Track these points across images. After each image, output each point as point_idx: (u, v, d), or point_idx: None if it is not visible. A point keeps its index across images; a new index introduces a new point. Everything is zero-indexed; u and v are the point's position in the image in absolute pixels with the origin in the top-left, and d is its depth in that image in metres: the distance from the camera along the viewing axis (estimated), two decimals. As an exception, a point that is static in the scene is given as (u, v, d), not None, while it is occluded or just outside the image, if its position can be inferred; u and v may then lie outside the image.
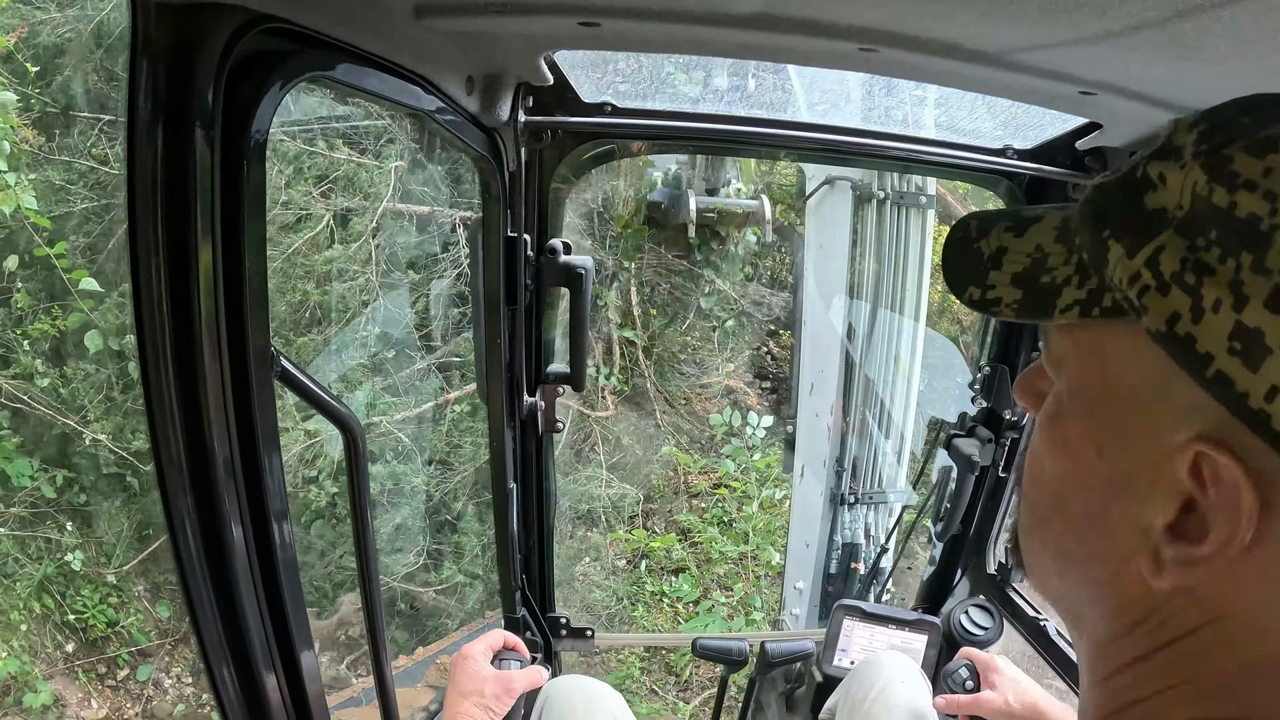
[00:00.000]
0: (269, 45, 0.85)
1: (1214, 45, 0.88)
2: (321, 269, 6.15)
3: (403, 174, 6.28)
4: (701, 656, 2.03)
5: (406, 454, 6.24)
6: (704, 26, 1.24)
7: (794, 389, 3.96)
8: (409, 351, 6.48)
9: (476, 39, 1.30)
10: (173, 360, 0.83)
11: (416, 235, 6.52)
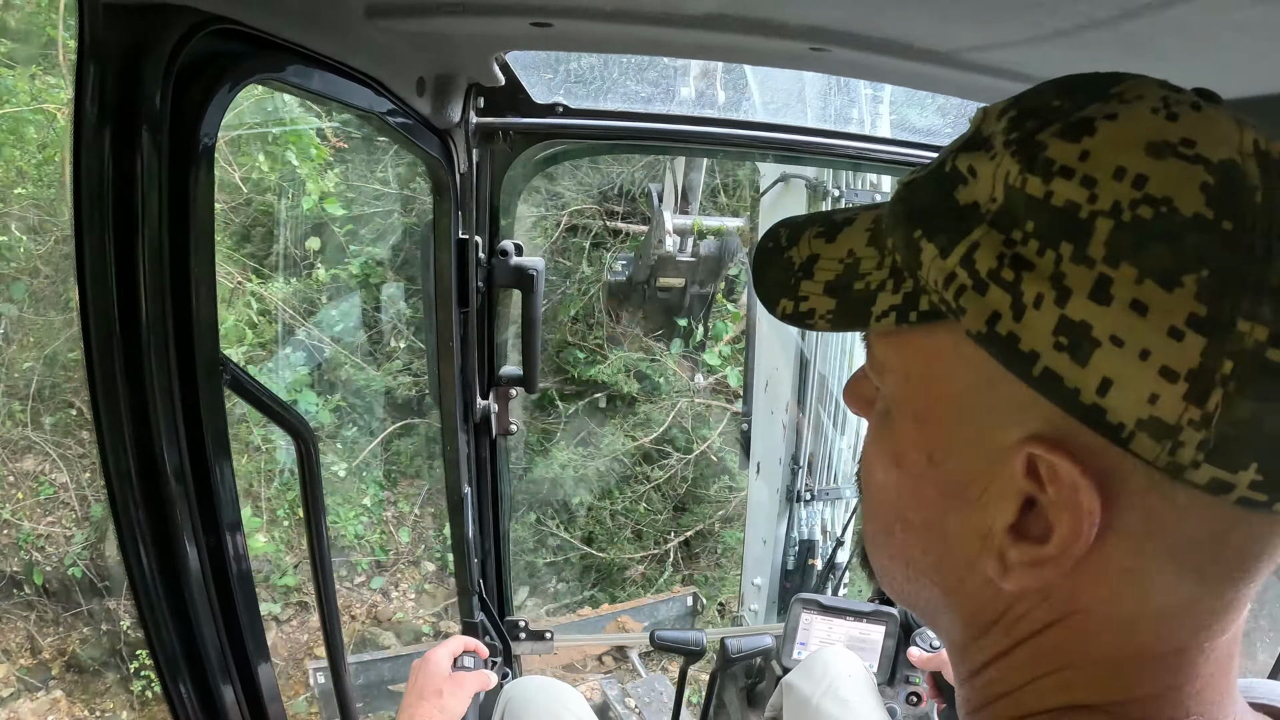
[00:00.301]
0: (218, 47, 0.84)
1: (1163, 44, 0.90)
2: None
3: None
4: (659, 649, 2.03)
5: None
6: (657, 27, 1.25)
7: (748, 387, 3.97)
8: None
9: (428, 40, 1.29)
10: (121, 369, 0.81)
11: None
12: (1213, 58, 0.94)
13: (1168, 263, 0.43)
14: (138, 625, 3.14)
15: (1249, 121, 0.46)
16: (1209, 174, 0.44)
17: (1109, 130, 0.46)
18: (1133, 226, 0.44)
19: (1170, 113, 0.46)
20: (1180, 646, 0.49)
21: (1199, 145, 0.45)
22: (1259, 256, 0.43)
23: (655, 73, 2.04)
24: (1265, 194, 0.44)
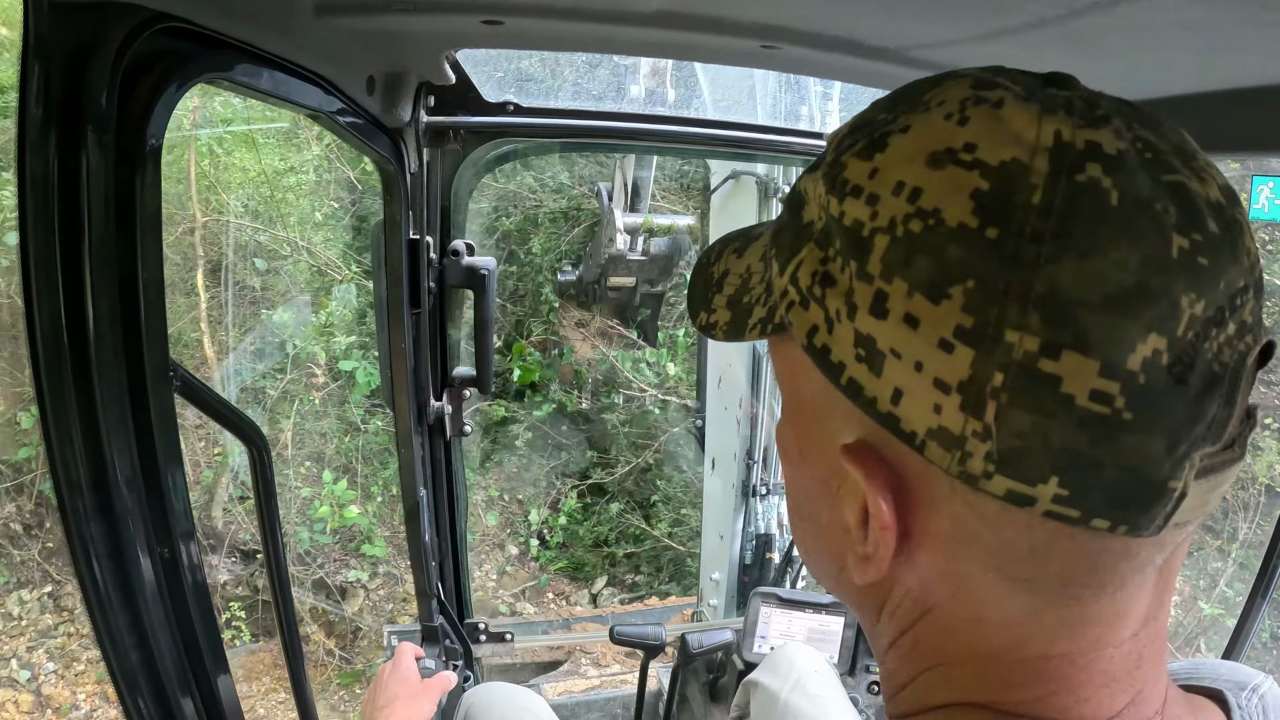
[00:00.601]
0: (165, 46, 0.82)
1: (1109, 42, 0.93)
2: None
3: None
4: (618, 643, 2.03)
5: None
6: (608, 25, 1.25)
7: (700, 383, 3.99)
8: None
9: (378, 37, 1.27)
10: (69, 376, 0.79)
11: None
12: (1158, 55, 0.96)
13: (934, 275, 0.44)
14: (237, 583, 3.02)
15: (1066, 110, 0.45)
16: (984, 179, 0.44)
17: (898, 145, 0.47)
18: (904, 241, 0.45)
19: (962, 116, 0.46)
20: (1042, 654, 0.48)
21: (980, 149, 0.44)
22: (1025, 263, 0.42)
23: (607, 70, 2.04)
24: (1045, 192, 0.43)
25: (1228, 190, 0.46)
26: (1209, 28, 0.84)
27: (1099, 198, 0.42)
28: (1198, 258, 0.42)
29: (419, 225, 1.69)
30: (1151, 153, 0.44)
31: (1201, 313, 0.42)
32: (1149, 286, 0.41)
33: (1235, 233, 0.44)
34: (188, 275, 6.44)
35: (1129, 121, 0.45)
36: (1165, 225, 0.42)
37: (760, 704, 1.80)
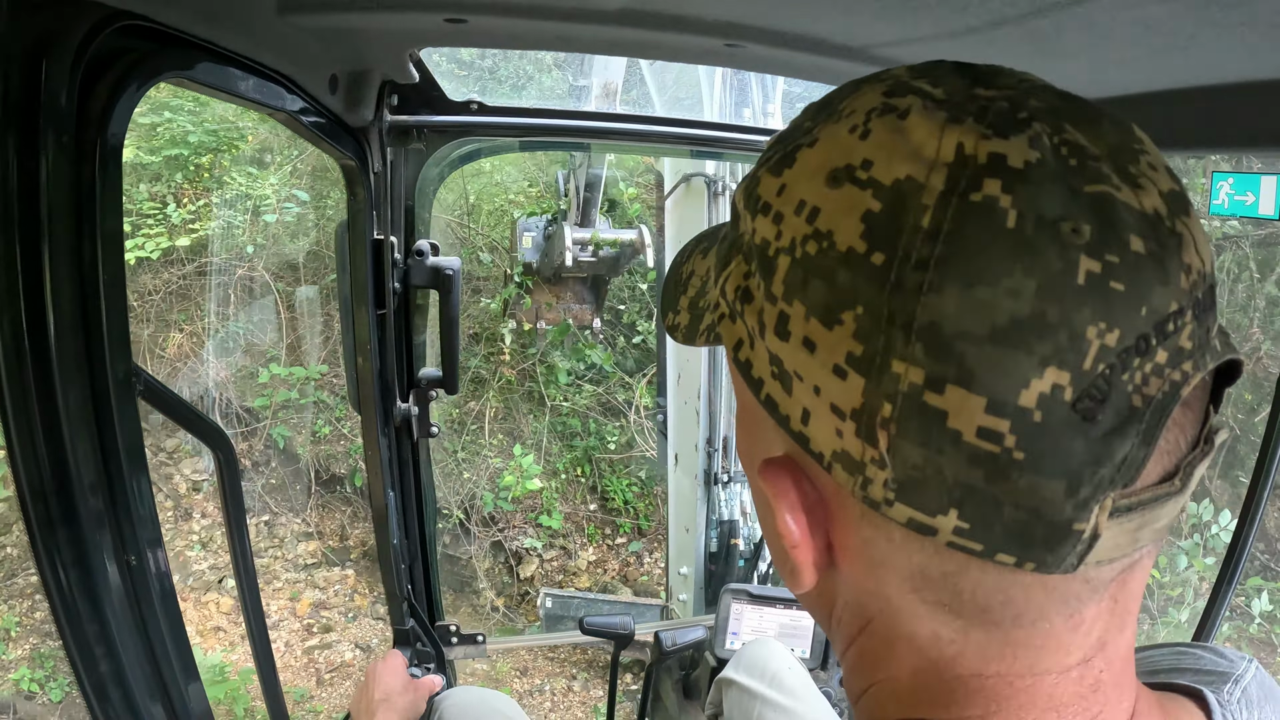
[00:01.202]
0: (126, 44, 0.81)
1: (1071, 41, 0.95)
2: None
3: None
4: (588, 634, 2.03)
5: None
6: (571, 23, 1.25)
7: (660, 380, 4.01)
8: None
9: (340, 35, 1.26)
10: (31, 381, 0.78)
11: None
12: (1119, 54, 0.98)
13: (827, 300, 0.42)
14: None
15: (978, 117, 0.42)
16: (876, 199, 0.42)
17: (804, 160, 0.45)
18: (802, 263, 0.43)
19: (865, 129, 0.44)
20: (978, 672, 0.47)
21: (875, 166, 0.42)
22: (908, 291, 0.40)
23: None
24: (935, 214, 0.40)
25: (1174, 197, 0.42)
26: (1168, 27, 0.86)
27: (993, 219, 0.39)
28: (1110, 282, 0.39)
29: (383, 225, 1.68)
30: (1078, 159, 0.41)
31: (1116, 343, 0.39)
32: (1045, 317, 0.38)
33: (1170, 249, 0.40)
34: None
35: (1059, 124, 0.42)
36: (1072, 247, 0.39)
37: (735, 703, 1.80)
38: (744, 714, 1.75)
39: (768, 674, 1.78)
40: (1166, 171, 0.43)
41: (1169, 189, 0.42)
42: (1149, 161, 0.42)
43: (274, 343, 7.16)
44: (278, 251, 7.14)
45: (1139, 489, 0.41)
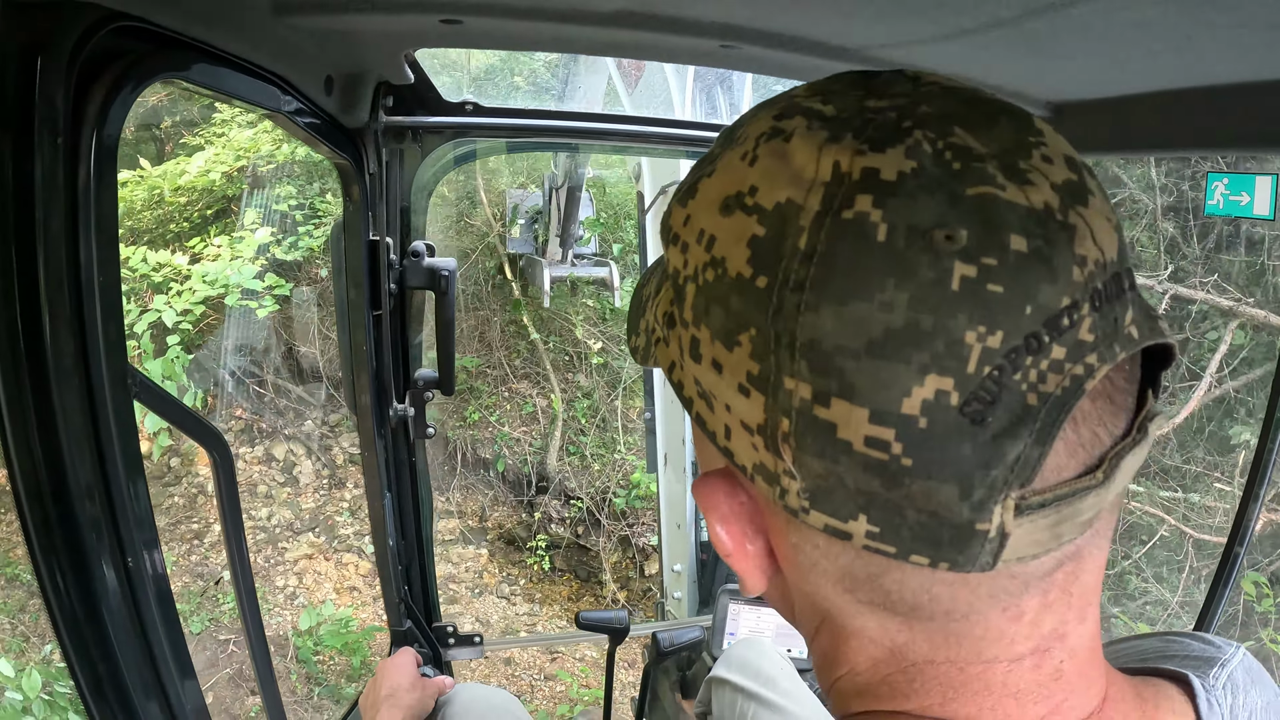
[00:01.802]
0: (121, 45, 0.80)
1: (1065, 42, 0.95)
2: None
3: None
4: (584, 628, 2.03)
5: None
6: (567, 24, 1.25)
7: (647, 383, 4.10)
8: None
9: (336, 37, 1.26)
10: (27, 384, 0.77)
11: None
12: (1114, 55, 0.98)
13: (725, 324, 0.44)
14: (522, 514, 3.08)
15: (856, 133, 0.43)
16: (760, 224, 0.43)
17: (704, 190, 0.47)
18: (704, 290, 0.45)
19: (754, 156, 0.45)
20: (928, 659, 0.48)
21: (759, 192, 0.44)
22: (788, 312, 0.41)
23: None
24: (810, 235, 0.41)
25: (1069, 188, 0.42)
26: (1163, 28, 0.86)
27: (863, 235, 0.40)
28: (988, 285, 0.39)
29: (378, 226, 1.68)
30: (961, 162, 0.41)
31: (1000, 344, 0.39)
32: (920, 326, 0.39)
33: (1059, 243, 0.40)
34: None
35: (947, 128, 0.42)
36: (945, 255, 0.39)
37: (725, 702, 1.79)
38: (734, 713, 1.74)
39: (759, 673, 1.77)
40: (1065, 162, 0.43)
41: (1064, 180, 0.42)
42: (1044, 154, 0.42)
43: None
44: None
45: (1051, 485, 0.42)
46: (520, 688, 6.59)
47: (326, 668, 6.15)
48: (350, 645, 6.04)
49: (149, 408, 0.99)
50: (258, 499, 7.15)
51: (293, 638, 6.09)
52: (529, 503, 7.87)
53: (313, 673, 6.03)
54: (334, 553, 6.98)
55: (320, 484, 7.34)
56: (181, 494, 6.78)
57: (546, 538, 7.65)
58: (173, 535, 6.59)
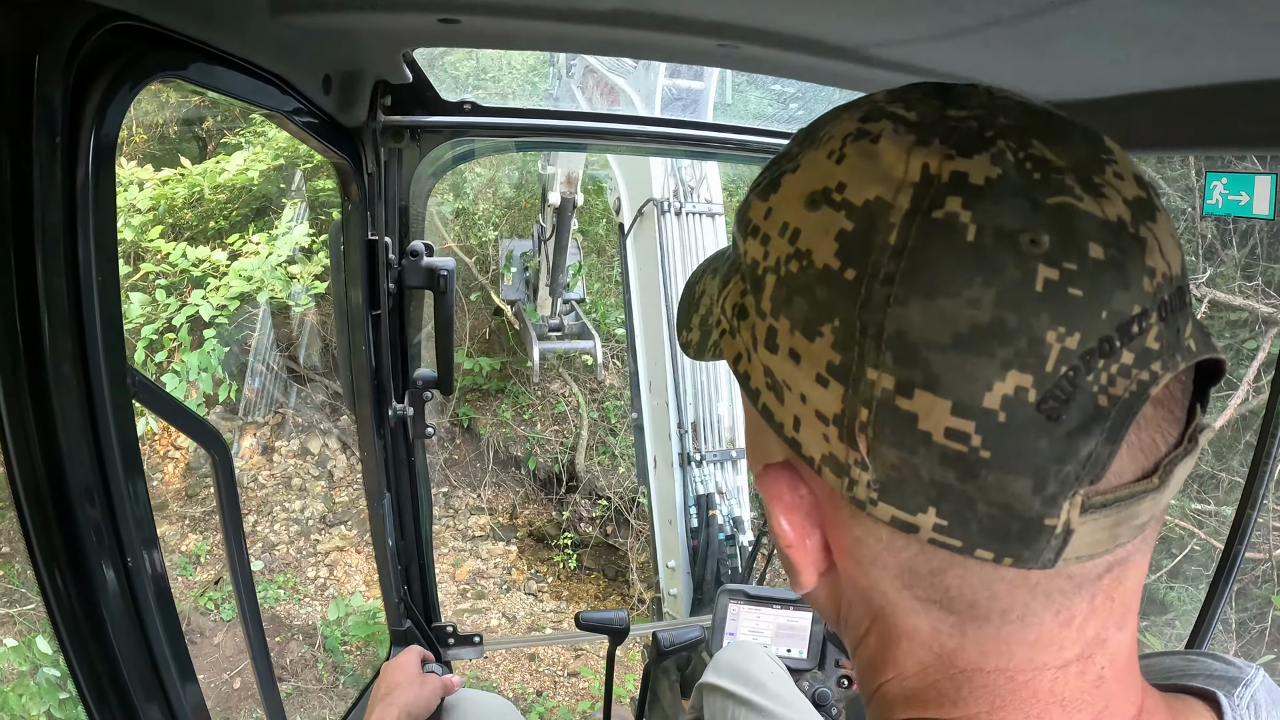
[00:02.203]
0: (118, 44, 0.80)
1: (1063, 41, 0.95)
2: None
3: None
4: (584, 629, 2.03)
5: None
6: (565, 23, 1.25)
7: (633, 389, 4.17)
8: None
9: (334, 36, 1.26)
10: (25, 383, 0.77)
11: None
12: (1113, 54, 0.98)
13: (808, 314, 0.46)
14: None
15: (944, 139, 0.45)
16: (849, 219, 0.45)
17: (787, 185, 0.49)
18: (786, 281, 0.47)
19: (841, 154, 0.47)
20: (978, 667, 0.49)
21: (848, 189, 0.45)
22: (876, 304, 0.43)
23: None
24: (900, 232, 0.43)
25: (1139, 204, 0.44)
26: (1161, 27, 0.86)
27: (953, 234, 0.42)
28: (1069, 289, 0.41)
29: (377, 226, 1.67)
30: (1041, 173, 0.43)
31: (1077, 346, 0.41)
32: (1005, 323, 0.41)
33: (1133, 254, 0.42)
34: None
35: (1025, 140, 0.44)
36: (1030, 257, 0.41)
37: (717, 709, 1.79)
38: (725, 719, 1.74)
39: (749, 678, 1.76)
40: (1135, 180, 0.45)
41: (1134, 196, 0.44)
42: (1115, 171, 0.44)
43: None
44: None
45: (1113, 486, 0.43)
46: (543, 684, 6.68)
47: (353, 658, 6.30)
48: (376, 636, 6.14)
49: (148, 407, 0.99)
50: (292, 491, 7.32)
51: (321, 627, 6.24)
52: (559, 501, 7.99)
53: (339, 662, 6.19)
54: (365, 546, 7.10)
55: (353, 478, 7.49)
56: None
57: (575, 536, 7.78)
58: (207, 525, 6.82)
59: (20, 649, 3.79)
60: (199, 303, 5.71)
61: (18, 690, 3.66)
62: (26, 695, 3.63)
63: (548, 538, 7.92)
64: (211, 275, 5.98)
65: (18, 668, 3.76)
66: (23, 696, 3.62)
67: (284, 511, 7.30)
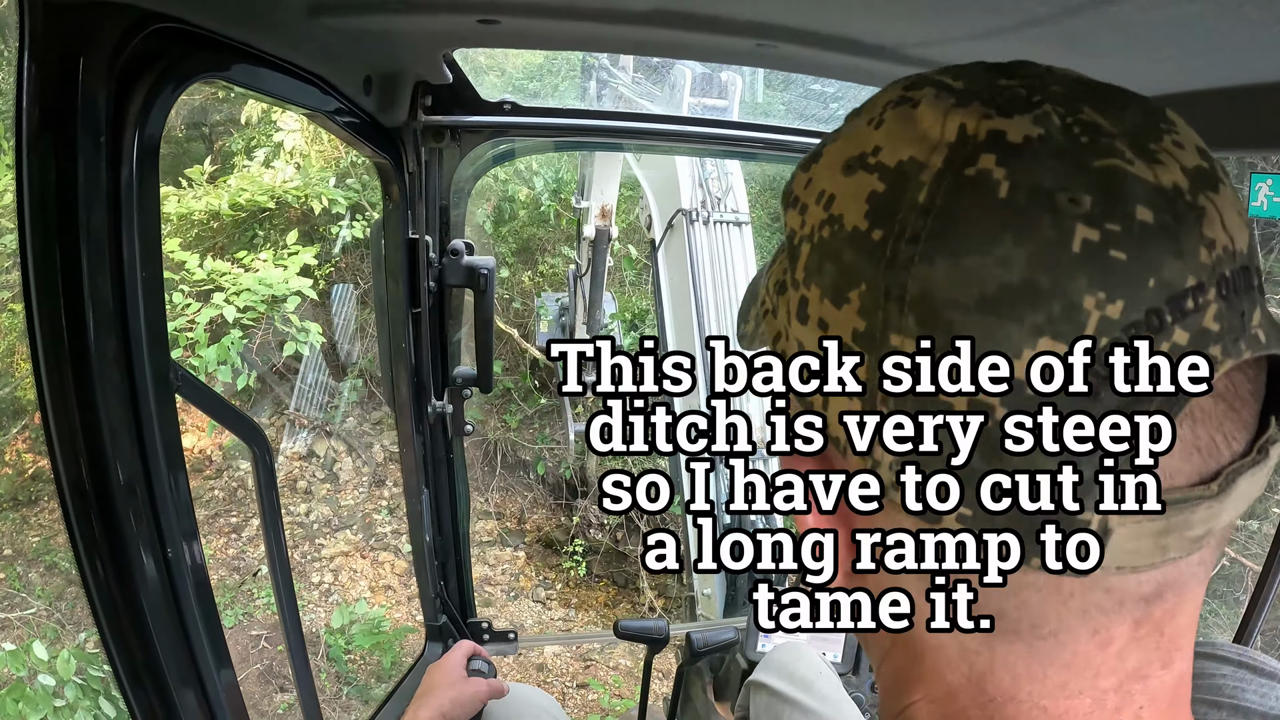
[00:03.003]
0: (161, 46, 0.82)
1: (1103, 40, 0.93)
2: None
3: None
4: (623, 638, 2.02)
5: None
6: (602, 24, 1.25)
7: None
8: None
9: (374, 37, 1.28)
10: (71, 379, 0.79)
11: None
12: (1152, 54, 0.96)
13: (836, 280, 0.43)
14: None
15: (985, 101, 0.42)
16: (881, 181, 0.42)
17: (827, 154, 0.47)
18: (819, 248, 0.44)
19: (880, 120, 0.45)
20: (1011, 695, 0.44)
21: (883, 151, 0.43)
22: (900, 264, 0.40)
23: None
24: (930, 189, 0.40)
25: (1200, 173, 0.40)
26: (1201, 26, 0.84)
27: (985, 191, 0.39)
28: (1110, 251, 0.37)
29: (417, 225, 1.69)
30: (1090, 136, 0.40)
31: (1120, 315, 0.37)
32: (1036, 285, 0.37)
33: (1188, 221, 0.38)
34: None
35: (1075, 105, 0.41)
36: (1068, 216, 0.38)
37: (764, 707, 1.78)
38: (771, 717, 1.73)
39: (797, 678, 1.76)
40: (1198, 150, 0.42)
41: (1194, 165, 0.40)
42: (1175, 140, 0.41)
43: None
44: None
45: (1164, 488, 0.39)
46: (551, 695, 6.60)
47: (356, 667, 6.26)
48: (381, 645, 6.12)
49: (190, 401, 1.01)
50: (297, 495, 7.31)
51: (324, 635, 6.19)
52: (568, 506, 7.93)
53: (342, 671, 6.15)
54: (370, 550, 7.11)
55: (360, 481, 7.48)
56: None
57: (584, 542, 7.72)
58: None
59: (19, 654, 3.84)
60: (221, 305, 5.84)
61: (13, 695, 3.71)
62: (24, 701, 3.67)
63: (556, 544, 7.90)
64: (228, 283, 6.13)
65: (15, 673, 3.81)
66: (19, 702, 3.67)
67: (288, 515, 7.33)
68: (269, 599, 6.42)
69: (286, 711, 5.77)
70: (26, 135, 0.71)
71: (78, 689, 3.80)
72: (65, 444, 0.81)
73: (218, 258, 6.39)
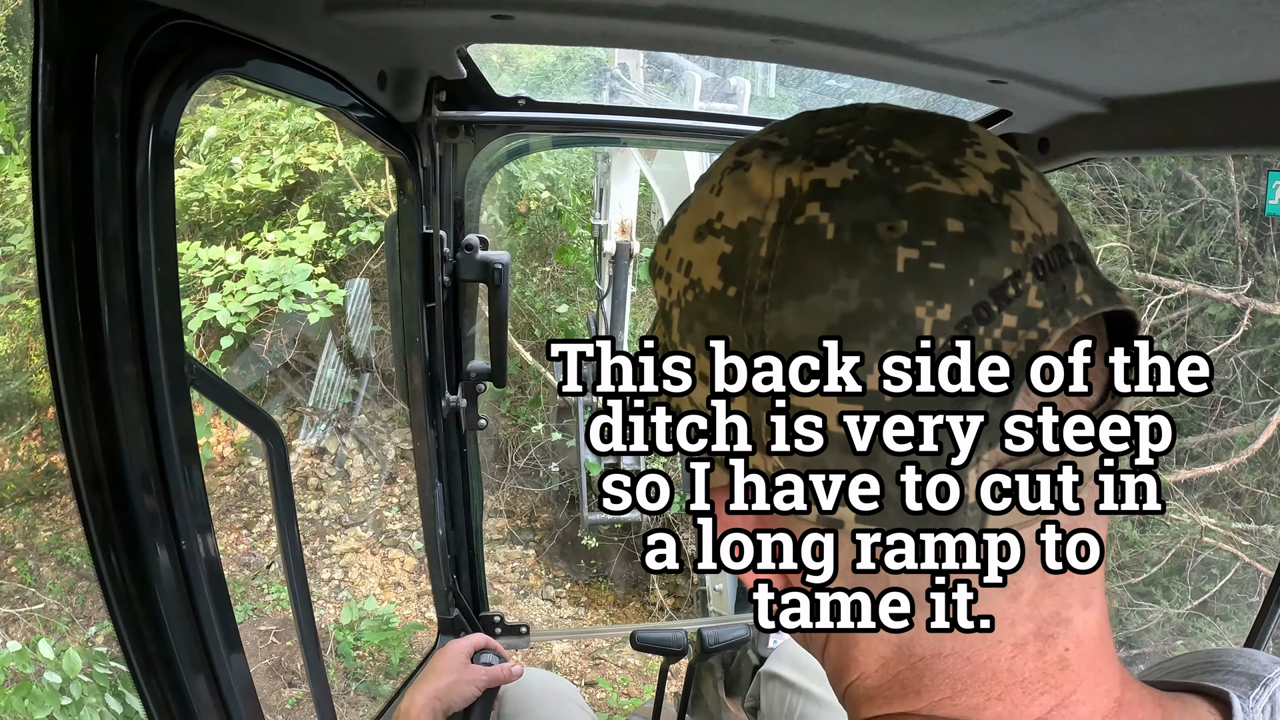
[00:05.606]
0: (176, 42, 0.82)
1: (1120, 36, 0.92)
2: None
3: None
4: (640, 649, 2.01)
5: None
6: (617, 19, 1.24)
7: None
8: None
9: (388, 33, 1.28)
10: (86, 373, 0.80)
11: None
12: (1170, 50, 0.95)
13: (705, 336, 0.48)
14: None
15: (805, 154, 0.47)
16: (728, 243, 0.47)
17: (680, 225, 0.52)
18: (686, 311, 0.50)
19: (719, 187, 0.50)
20: (935, 652, 0.49)
21: (725, 216, 0.48)
22: (756, 313, 0.46)
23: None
24: (769, 243, 0.46)
25: (1001, 176, 0.46)
26: (1220, 22, 0.84)
27: (815, 235, 0.44)
28: (930, 264, 0.43)
29: (432, 219, 1.70)
30: (901, 167, 0.45)
31: (950, 316, 0.43)
32: (872, 308, 0.43)
33: (994, 222, 0.44)
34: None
35: (886, 141, 0.46)
36: (888, 242, 0.43)
37: (775, 697, 1.79)
38: (784, 708, 1.74)
39: (810, 669, 1.77)
40: (998, 155, 0.47)
41: (996, 170, 0.46)
42: (977, 151, 0.47)
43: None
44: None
45: (1028, 450, 0.45)
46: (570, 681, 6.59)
47: (365, 663, 6.34)
48: (390, 642, 6.19)
49: (205, 395, 1.02)
50: (309, 491, 7.38)
51: (333, 632, 6.27)
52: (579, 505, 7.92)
53: (350, 668, 6.22)
54: (380, 548, 7.17)
55: (371, 479, 7.55)
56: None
57: (595, 541, 7.79)
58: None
59: (25, 652, 3.87)
60: (216, 308, 5.85)
61: (20, 693, 3.74)
62: (29, 698, 3.71)
63: (567, 542, 7.97)
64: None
65: (22, 670, 3.86)
66: (25, 699, 3.71)
67: (299, 511, 7.32)
68: (278, 594, 6.49)
69: (295, 706, 5.82)
70: (42, 132, 0.72)
71: (84, 686, 3.82)
72: (80, 437, 0.82)
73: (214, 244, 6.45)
